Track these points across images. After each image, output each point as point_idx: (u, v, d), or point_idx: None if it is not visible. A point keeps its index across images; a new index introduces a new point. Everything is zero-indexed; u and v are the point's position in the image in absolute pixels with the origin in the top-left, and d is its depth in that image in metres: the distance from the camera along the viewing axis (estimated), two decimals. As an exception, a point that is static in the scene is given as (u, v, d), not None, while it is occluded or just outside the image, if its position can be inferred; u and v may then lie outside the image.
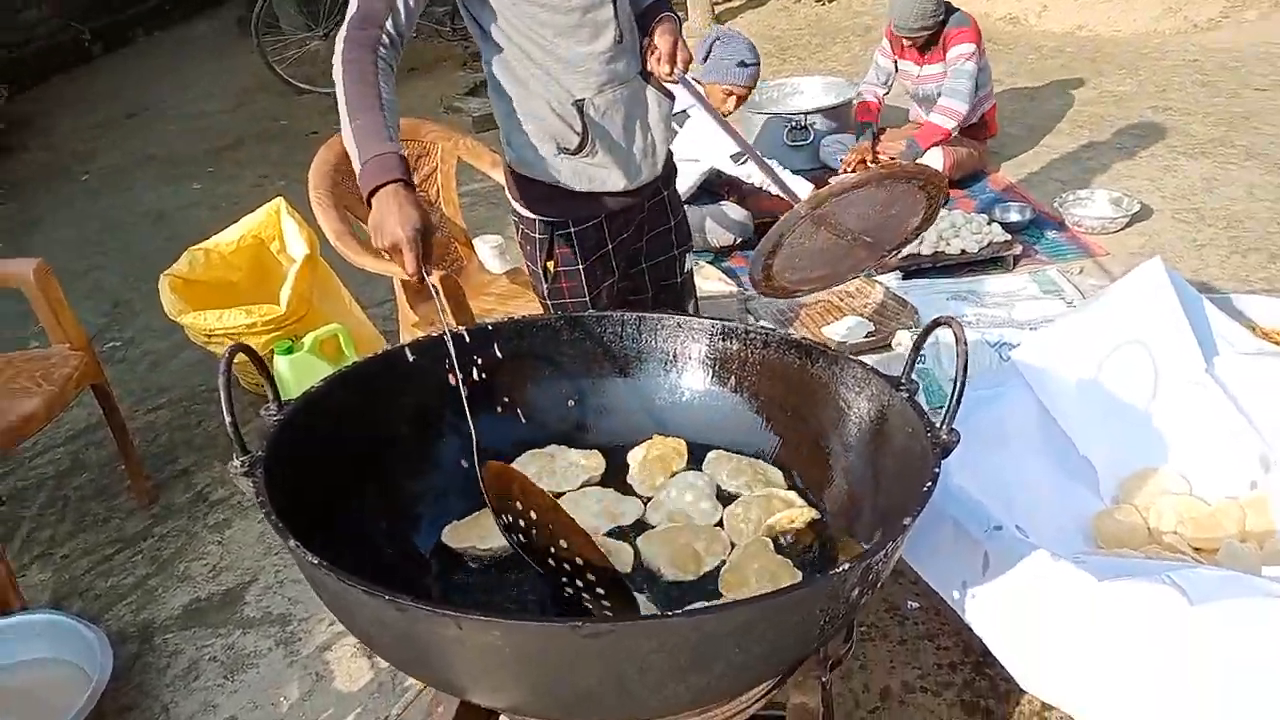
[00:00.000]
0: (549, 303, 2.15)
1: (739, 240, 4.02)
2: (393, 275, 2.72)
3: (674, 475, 1.64)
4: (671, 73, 1.93)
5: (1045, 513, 2.11)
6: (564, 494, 1.60)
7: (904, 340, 3.15)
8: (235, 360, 1.30)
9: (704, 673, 1.06)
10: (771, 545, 1.46)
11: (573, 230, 2.06)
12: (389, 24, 1.67)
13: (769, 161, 3.24)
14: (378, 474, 1.49)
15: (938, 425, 1.34)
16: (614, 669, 1.04)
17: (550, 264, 2.10)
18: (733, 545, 1.50)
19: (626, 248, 2.16)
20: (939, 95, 4.11)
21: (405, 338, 2.88)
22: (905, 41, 4.20)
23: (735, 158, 3.69)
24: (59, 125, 7.00)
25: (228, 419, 1.25)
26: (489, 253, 3.26)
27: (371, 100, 1.60)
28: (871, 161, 4.26)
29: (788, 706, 1.39)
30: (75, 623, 2.23)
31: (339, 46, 1.65)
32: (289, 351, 2.97)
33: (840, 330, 3.29)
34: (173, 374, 3.63)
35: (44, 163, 6.32)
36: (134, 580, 2.62)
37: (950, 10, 4.11)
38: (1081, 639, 1.66)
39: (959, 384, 1.34)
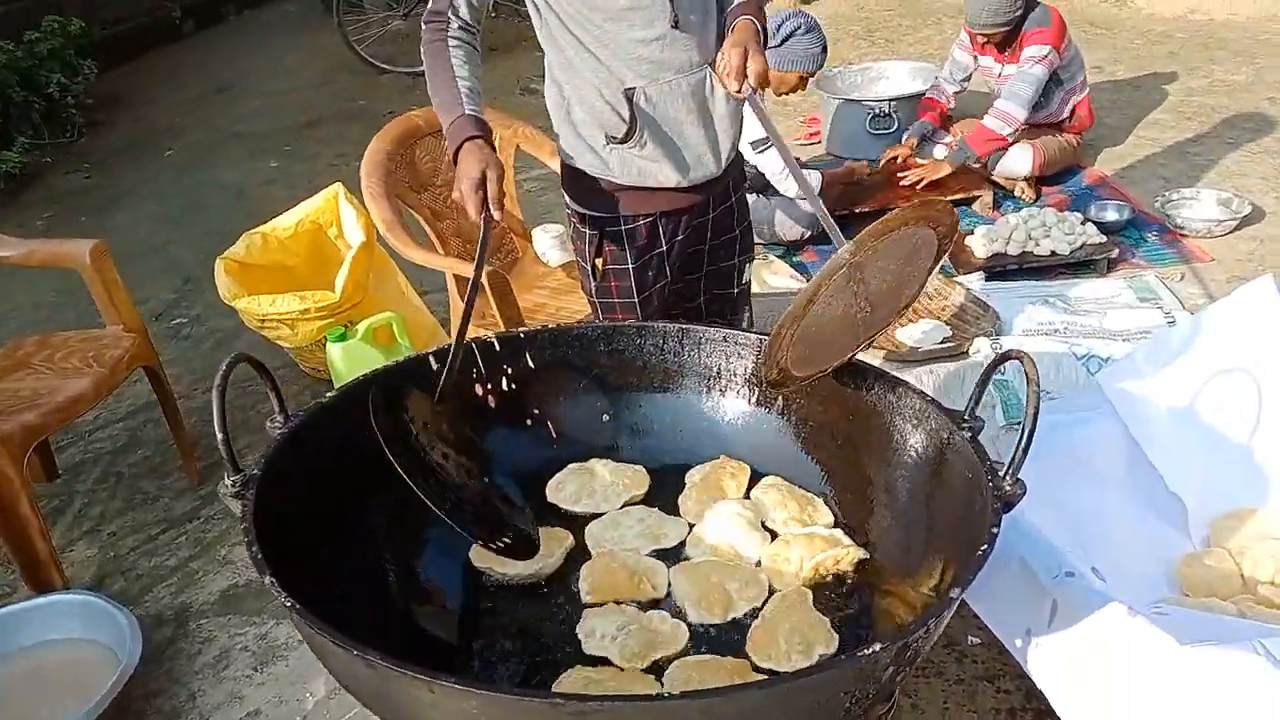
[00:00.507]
0: (596, 301, 2.04)
1: (808, 234, 3.84)
2: (441, 269, 2.64)
3: (720, 502, 1.51)
4: (739, 90, 1.73)
5: (1126, 553, 1.93)
6: (603, 514, 1.50)
7: (982, 348, 2.96)
8: (299, 341, 1.22)
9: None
10: (810, 597, 1.32)
11: (623, 228, 1.95)
12: (461, 10, 1.81)
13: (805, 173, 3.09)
14: (386, 494, 1.40)
15: (1001, 474, 1.19)
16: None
17: (599, 261, 1.99)
18: (770, 590, 1.37)
19: (684, 250, 2.02)
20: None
21: (455, 330, 2.80)
22: (980, 38, 3.93)
23: (755, 145, 3.51)
24: (148, 101, 7.12)
25: (219, 435, 1.17)
26: (549, 243, 3.15)
27: (445, 77, 1.78)
28: (902, 162, 4.04)
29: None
30: (108, 605, 2.21)
31: (422, 38, 1.84)
32: (342, 339, 2.92)
33: (915, 334, 3.11)
34: (235, 353, 3.63)
35: (132, 138, 6.44)
36: (176, 562, 2.60)
37: (1031, 5, 3.81)
38: (1157, 706, 1.49)
39: (1028, 430, 1.18)
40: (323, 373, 3.17)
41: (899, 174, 4.09)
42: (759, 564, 1.43)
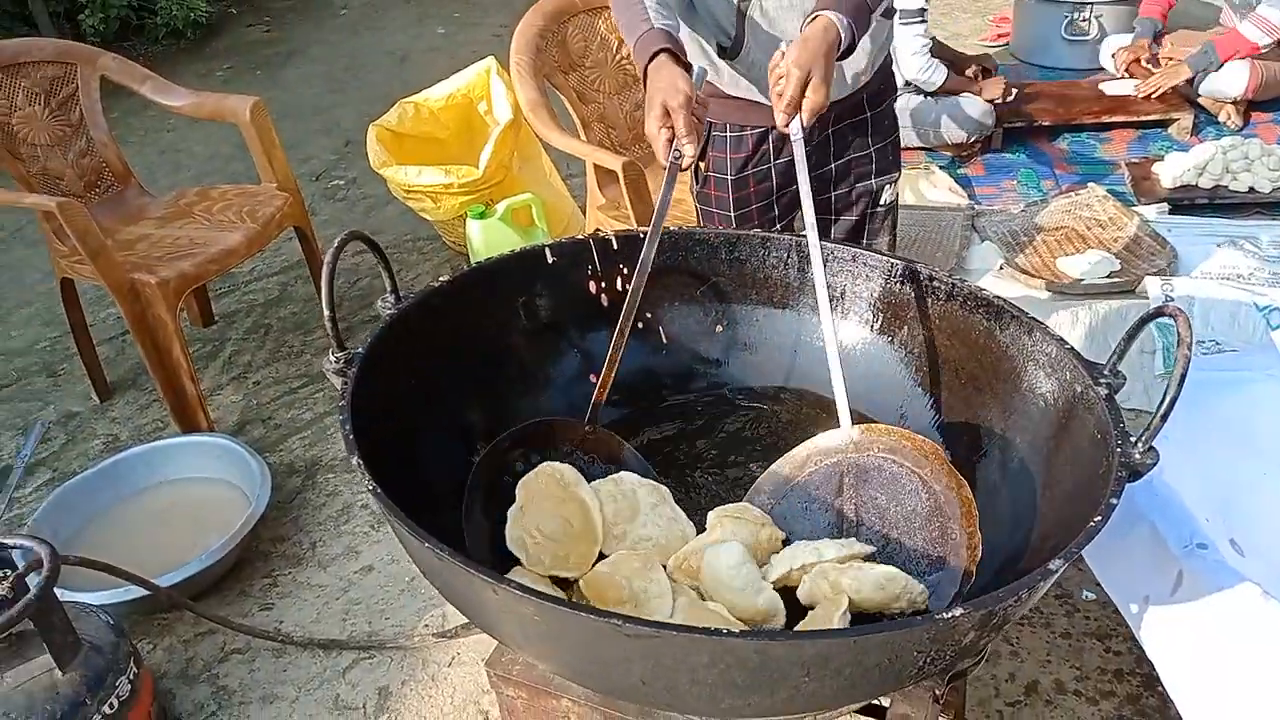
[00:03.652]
0: (698, 206, 1.96)
1: (976, 139, 3.59)
2: (580, 156, 2.60)
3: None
4: (786, 124, 1.47)
5: (1274, 529, 1.77)
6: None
7: (1152, 288, 2.72)
8: (441, 215, 1.23)
9: (767, 694, 0.92)
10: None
11: (729, 134, 1.84)
12: None
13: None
14: (487, 386, 1.40)
15: (1134, 439, 1.09)
16: (661, 670, 0.91)
17: (702, 164, 1.89)
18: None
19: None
20: (1259, 2, 3.43)
21: (590, 218, 2.77)
22: None
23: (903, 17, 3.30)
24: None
25: (325, 313, 1.19)
26: (696, 134, 3.06)
27: None
28: (1149, 62, 3.65)
29: (887, 714, 1.23)
30: (245, 452, 2.35)
31: None
32: (482, 216, 2.94)
33: (1080, 265, 2.88)
34: (385, 219, 3.73)
35: (311, -8, 6.58)
36: (312, 416, 2.74)
37: None
38: (1277, 697, 1.38)
39: (1171, 395, 1.07)
40: (465, 247, 3.22)
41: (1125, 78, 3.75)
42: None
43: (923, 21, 3.38)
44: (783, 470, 1.37)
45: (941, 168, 3.56)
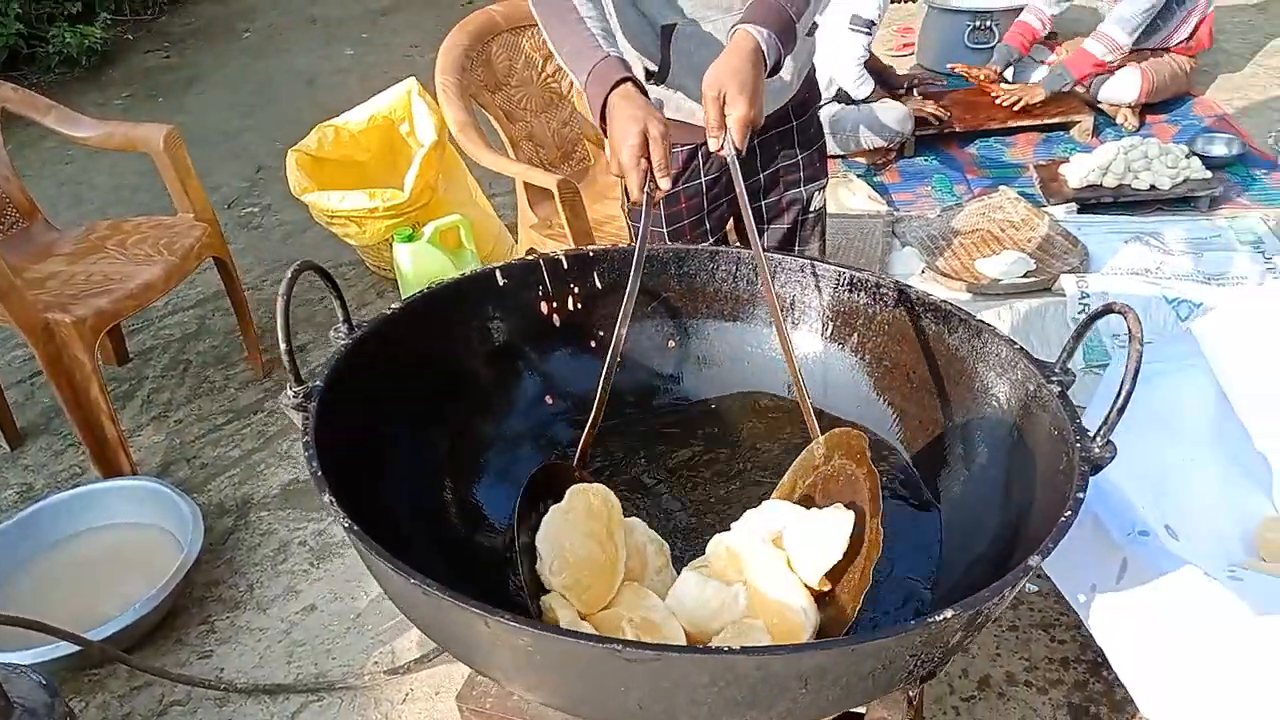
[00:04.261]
0: (629, 223, 1.97)
1: (893, 145, 3.68)
2: (512, 175, 2.58)
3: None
4: (720, 148, 1.42)
5: (1203, 513, 1.85)
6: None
7: (1068, 286, 2.83)
8: (366, 239, 1.19)
9: (765, 709, 0.91)
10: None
11: None
12: None
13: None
14: (447, 414, 1.38)
15: (1092, 434, 1.12)
16: (660, 694, 0.90)
17: None
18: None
19: (728, 184, 1.90)
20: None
21: (522, 238, 2.75)
22: None
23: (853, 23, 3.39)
24: (229, -21, 7.08)
25: (282, 345, 1.15)
26: (621, 150, 3.07)
27: (571, 23, 1.52)
28: (992, 81, 3.80)
29: (865, 718, 1.24)
30: (173, 493, 2.27)
31: None
32: (409, 239, 2.89)
33: (997, 266, 2.98)
34: (304, 246, 3.64)
35: (210, 17, 6.41)
36: (240, 453, 2.65)
37: None
38: (1226, 676, 1.44)
39: (1126, 389, 1.10)
40: (390, 271, 3.16)
41: (992, 94, 3.90)
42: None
43: (869, 34, 3.45)
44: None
45: (859, 176, 3.64)
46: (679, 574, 1.18)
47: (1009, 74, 3.96)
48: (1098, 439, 1.12)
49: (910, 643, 0.90)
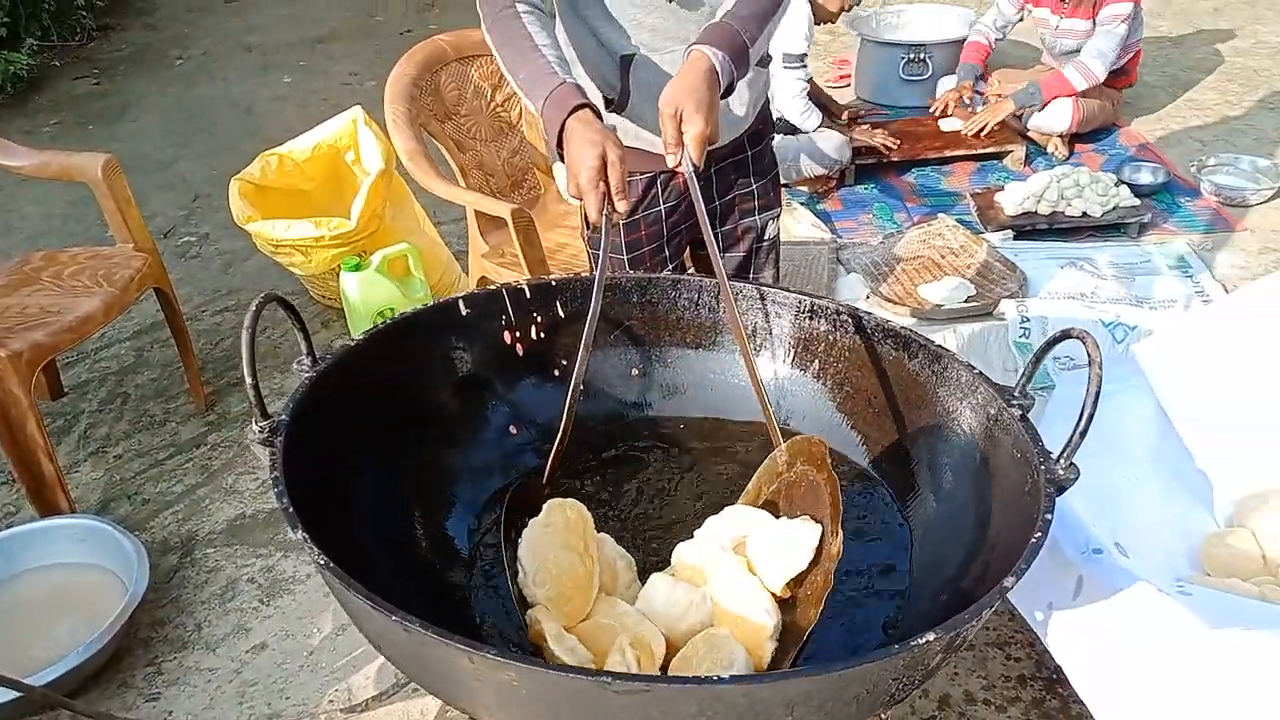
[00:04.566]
0: (589, 250, 1.98)
1: (833, 173, 3.76)
2: (464, 204, 2.57)
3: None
4: (677, 165, 1.45)
5: (1149, 529, 1.90)
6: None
7: (1009, 311, 2.90)
8: (312, 269, 1.17)
9: (750, 737, 0.92)
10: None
11: None
12: None
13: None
14: (413, 445, 1.36)
15: (1055, 456, 1.15)
16: (647, 726, 0.90)
17: None
18: None
19: (686, 212, 1.93)
20: (1079, 51, 3.74)
21: (474, 266, 2.74)
22: None
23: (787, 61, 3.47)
24: (158, 6, 6.94)
25: (248, 380, 1.13)
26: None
27: (526, 46, 1.52)
28: (969, 101, 3.91)
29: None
30: (115, 532, 2.19)
31: (481, 12, 1.59)
32: (356, 269, 2.85)
33: (939, 292, 3.05)
34: (244, 276, 3.57)
35: (142, 44, 6.28)
36: (183, 489, 2.58)
37: None
38: (1181, 688, 1.48)
39: (1087, 412, 1.14)
40: (334, 301, 3.12)
41: (943, 118, 4.01)
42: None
43: (803, 67, 3.52)
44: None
45: (802, 204, 3.70)
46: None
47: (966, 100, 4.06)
48: (1061, 461, 1.15)
49: (894, 666, 0.91)
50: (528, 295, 1.51)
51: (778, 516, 1.29)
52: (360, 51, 5.87)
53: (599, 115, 1.47)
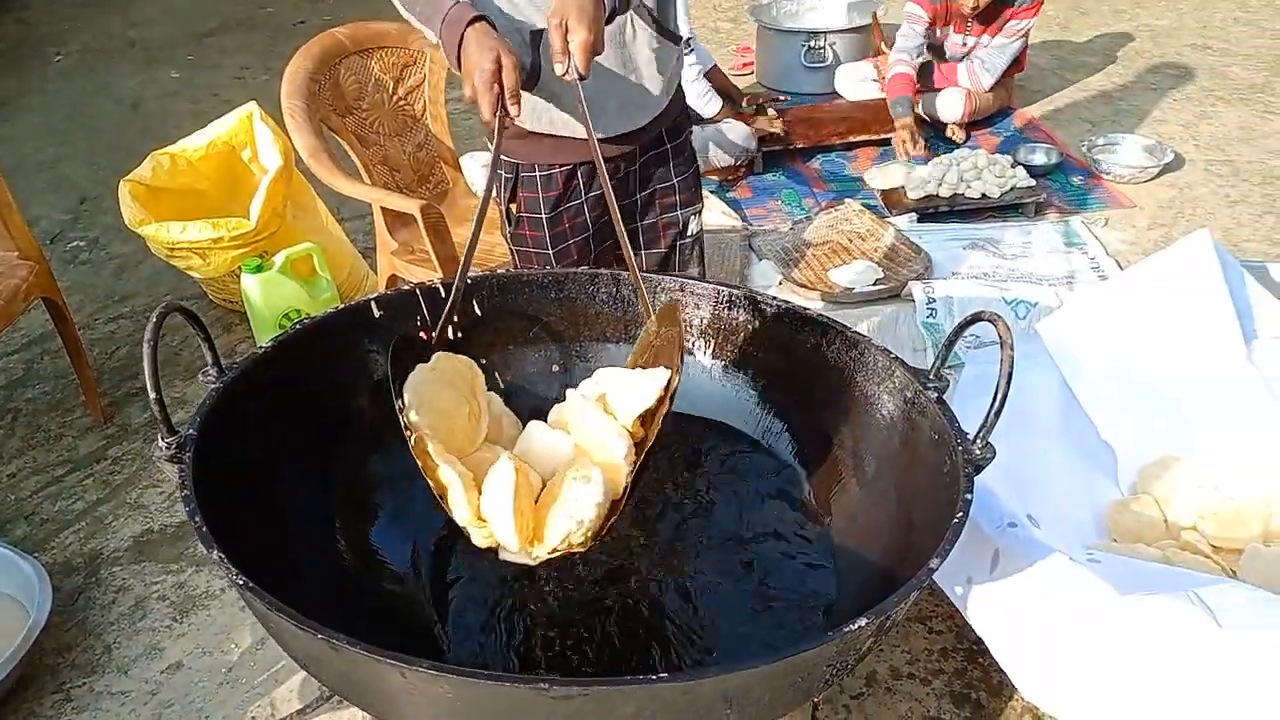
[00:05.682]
0: (512, 249, 1.95)
1: (741, 162, 3.78)
2: (369, 200, 2.51)
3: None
4: (566, 73, 1.48)
5: (1059, 500, 1.97)
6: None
7: (917, 292, 2.97)
8: (211, 271, 1.12)
9: (690, 733, 0.91)
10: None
11: (537, 174, 1.84)
12: None
13: None
14: (332, 453, 1.32)
15: (972, 437, 1.18)
16: (585, 728, 0.89)
17: (513, 207, 1.89)
18: None
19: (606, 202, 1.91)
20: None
21: (382, 264, 2.68)
22: (967, 9, 3.74)
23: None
24: (33, 1, 6.60)
25: (151, 395, 1.08)
26: (479, 172, 3.03)
27: None
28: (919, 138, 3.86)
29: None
30: (13, 554, 2.08)
31: None
32: (258, 270, 2.76)
33: (848, 275, 3.10)
34: (138, 281, 3.43)
35: (16, 40, 5.97)
36: (84, 506, 2.47)
37: None
38: (1095, 653, 1.54)
39: (1001, 393, 1.17)
40: (235, 304, 3.02)
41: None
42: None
43: (691, 50, 3.52)
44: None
45: (711, 192, 3.71)
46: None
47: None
48: (978, 441, 1.18)
49: (828, 654, 0.92)
50: (442, 294, 1.48)
51: None
52: (251, 44, 5.69)
53: (495, 29, 1.51)
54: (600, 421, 1.23)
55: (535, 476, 1.21)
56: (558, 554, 1.12)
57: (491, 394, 1.33)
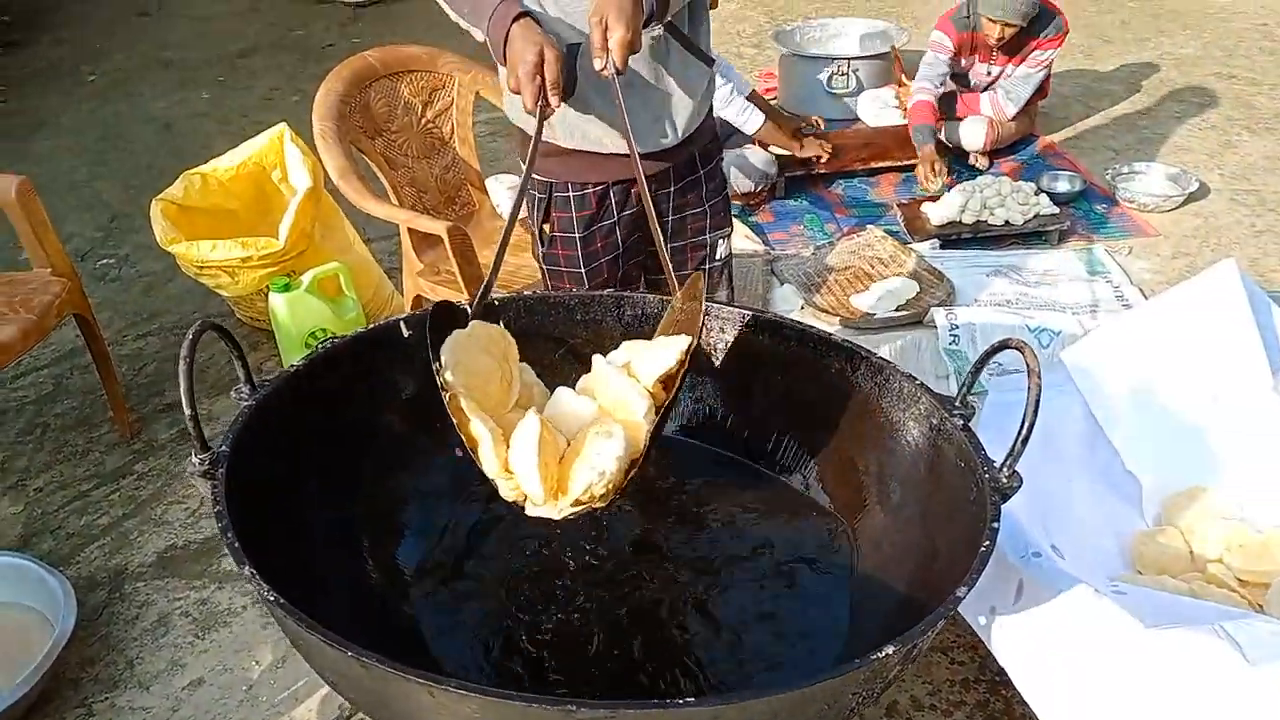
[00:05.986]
0: (544, 269, 1.97)
1: (763, 188, 3.80)
2: (397, 221, 2.54)
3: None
4: (604, 69, 1.52)
5: (1083, 531, 1.96)
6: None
7: (939, 319, 2.96)
8: (240, 290, 1.14)
9: (715, 758, 0.91)
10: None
11: (571, 194, 1.86)
12: None
13: None
14: (362, 471, 1.33)
15: (998, 465, 1.18)
16: (611, 752, 0.89)
17: (546, 227, 1.91)
18: None
19: (641, 222, 1.95)
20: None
21: (408, 285, 2.70)
22: (992, 40, 3.75)
23: None
24: (67, 21, 6.73)
25: (186, 411, 1.09)
26: (505, 195, 3.06)
27: None
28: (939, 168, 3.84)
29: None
30: (40, 569, 2.11)
31: None
32: (286, 289, 2.80)
33: (869, 300, 3.10)
34: (167, 299, 3.47)
35: (52, 60, 6.08)
36: (109, 521, 2.49)
37: (1050, 15, 3.77)
38: (1120, 686, 1.52)
39: (1029, 422, 1.16)
40: (262, 322, 3.05)
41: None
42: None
43: (722, 74, 3.54)
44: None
45: (735, 216, 3.72)
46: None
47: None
48: (1004, 469, 1.18)
49: (855, 681, 0.92)
50: (470, 315, 1.49)
51: None
52: (281, 66, 5.77)
53: (540, 25, 1.57)
54: (623, 383, 1.30)
55: (561, 437, 1.26)
56: (581, 507, 1.16)
57: (524, 364, 1.38)
